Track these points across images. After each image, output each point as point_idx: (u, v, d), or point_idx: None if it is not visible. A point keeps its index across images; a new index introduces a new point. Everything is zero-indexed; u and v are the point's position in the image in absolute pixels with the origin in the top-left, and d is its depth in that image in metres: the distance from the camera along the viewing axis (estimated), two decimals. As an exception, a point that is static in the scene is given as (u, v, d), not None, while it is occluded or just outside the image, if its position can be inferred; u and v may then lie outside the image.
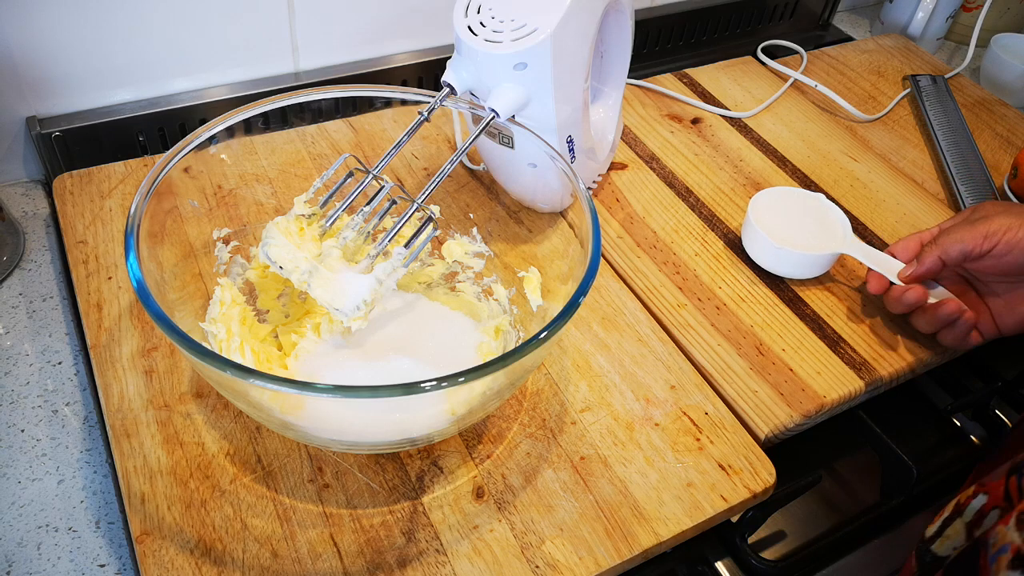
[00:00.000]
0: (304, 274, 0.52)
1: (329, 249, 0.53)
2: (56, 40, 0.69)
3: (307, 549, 0.49)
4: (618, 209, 0.75)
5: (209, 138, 0.54)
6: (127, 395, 0.55)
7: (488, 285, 0.62)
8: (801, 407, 0.60)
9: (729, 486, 0.54)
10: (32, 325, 0.63)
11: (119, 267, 0.63)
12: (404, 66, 0.86)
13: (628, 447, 0.56)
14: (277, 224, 0.53)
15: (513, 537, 0.50)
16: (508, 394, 0.53)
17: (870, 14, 1.22)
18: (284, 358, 0.56)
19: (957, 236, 0.60)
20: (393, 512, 0.51)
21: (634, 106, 0.89)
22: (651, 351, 0.62)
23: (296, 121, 0.62)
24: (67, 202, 0.69)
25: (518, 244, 0.64)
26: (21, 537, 0.51)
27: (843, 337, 0.65)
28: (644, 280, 0.69)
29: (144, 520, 0.49)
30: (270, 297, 0.59)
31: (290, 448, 0.54)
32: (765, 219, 0.68)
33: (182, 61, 0.76)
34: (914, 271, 0.62)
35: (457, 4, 0.58)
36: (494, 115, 0.57)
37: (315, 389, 0.41)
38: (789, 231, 0.68)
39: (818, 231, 0.68)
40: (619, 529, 0.51)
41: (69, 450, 0.55)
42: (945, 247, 0.61)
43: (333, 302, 0.51)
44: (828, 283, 0.70)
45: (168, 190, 0.52)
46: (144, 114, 0.76)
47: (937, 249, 0.61)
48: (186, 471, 0.52)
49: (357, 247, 0.55)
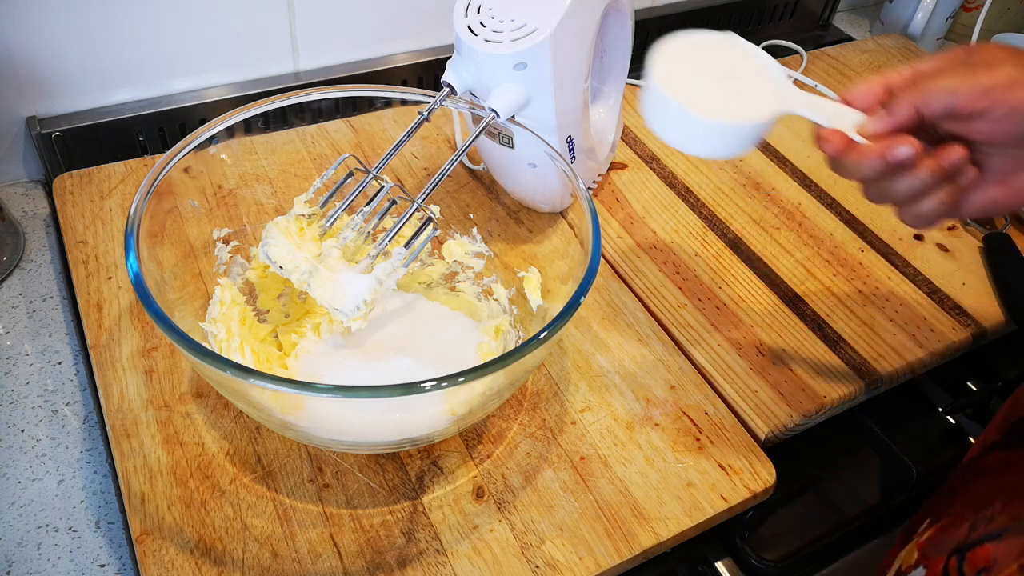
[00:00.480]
0: (304, 274, 0.52)
1: (329, 249, 0.53)
2: (56, 40, 0.69)
3: (307, 549, 0.49)
4: (618, 209, 0.75)
5: (209, 138, 0.54)
6: (127, 395, 0.55)
7: (488, 285, 0.62)
8: (801, 407, 0.60)
9: (729, 486, 0.54)
10: (32, 325, 0.63)
11: (119, 267, 0.63)
12: (404, 66, 0.86)
13: (628, 447, 0.56)
14: (277, 224, 0.53)
15: (513, 537, 0.50)
16: (508, 394, 0.53)
17: (870, 14, 1.22)
18: (284, 358, 0.56)
19: (946, 84, 0.44)
20: (393, 512, 0.51)
21: (634, 106, 0.89)
22: (651, 351, 0.62)
23: (296, 121, 0.62)
24: (67, 202, 0.69)
25: (518, 244, 0.64)
26: (21, 537, 0.50)
27: (843, 337, 0.65)
28: (644, 280, 0.69)
29: (144, 520, 0.49)
30: (270, 297, 0.59)
31: (290, 448, 0.54)
32: (673, 77, 0.49)
33: (182, 61, 0.76)
34: (881, 122, 0.46)
35: (457, 4, 0.58)
36: (494, 115, 0.57)
37: (315, 389, 0.41)
38: (705, 92, 0.48)
39: (744, 89, 0.50)
40: (619, 529, 0.51)
41: (69, 450, 0.55)
42: (926, 95, 0.45)
43: (333, 302, 0.51)
44: (828, 283, 0.70)
45: (168, 190, 0.52)
46: (144, 114, 0.76)
47: (914, 96, 0.45)
48: (186, 471, 0.52)
49: (357, 247, 0.55)
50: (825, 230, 0.75)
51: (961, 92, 0.43)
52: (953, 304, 0.69)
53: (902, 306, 0.68)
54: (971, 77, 0.44)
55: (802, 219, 0.76)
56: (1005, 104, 0.43)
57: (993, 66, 0.44)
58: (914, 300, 0.69)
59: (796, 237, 0.74)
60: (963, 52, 0.46)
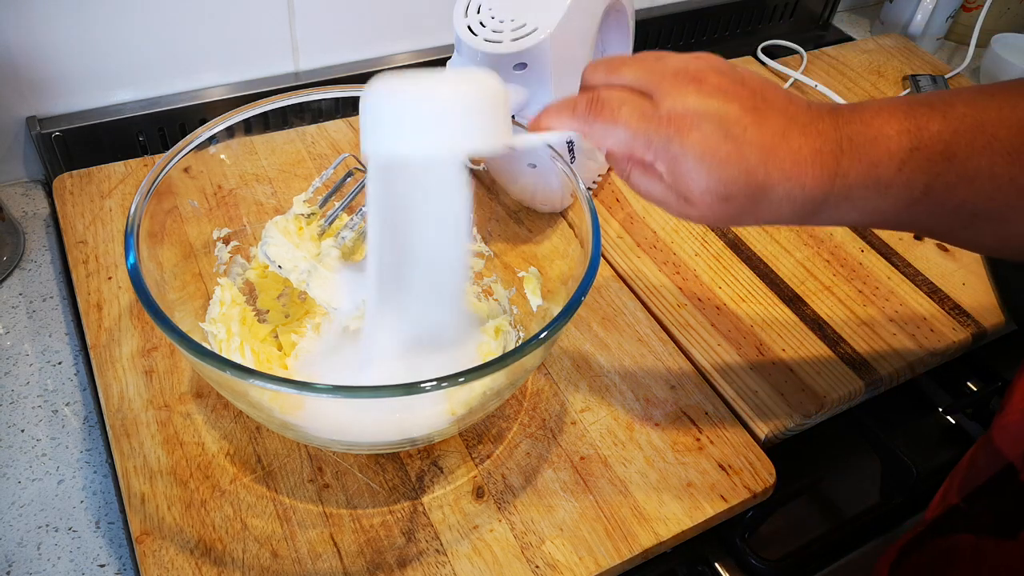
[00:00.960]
0: (303, 273, 0.52)
1: (328, 248, 0.53)
2: (56, 40, 0.69)
3: (307, 549, 0.49)
4: (618, 209, 0.75)
5: (209, 138, 0.54)
6: (127, 395, 0.55)
7: (488, 285, 0.62)
8: (801, 407, 0.60)
9: (729, 486, 0.54)
10: (32, 325, 0.63)
11: (119, 267, 0.63)
12: (404, 66, 0.86)
13: (628, 447, 0.56)
14: (276, 223, 0.53)
15: (513, 537, 0.50)
16: (508, 394, 0.53)
17: (870, 14, 1.22)
18: (284, 358, 0.56)
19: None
20: (393, 512, 0.51)
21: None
22: (651, 351, 0.62)
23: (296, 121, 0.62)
24: (67, 202, 0.69)
25: (518, 244, 0.64)
26: (21, 537, 0.50)
27: (843, 337, 0.65)
28: (644, 280, 0.69)
29: (144, 520, 0.49)
30: (270, 297, 0.59)
31: (290, 448, 0.54)
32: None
33: (182, 61, 0.76)
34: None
35: (457, 4, 0.58)
36: (494, 115, 0.57)
37: (315, 389, 0.41)
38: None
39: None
40: (619, 529, 0.51)
41: (69, 450, 0.55)
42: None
43: (331, 301, 0.51)
44: (828, 283, 0.70)
45: (168, 190, 0.52)
46: (144, 114, 0.76)
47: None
48: (186, 471, 0.52)
49: (356, 246, 0.55)
50: (825, 230, 0.75)
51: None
52: (953, 304, 0.69)
53: (902, 306, 0.68)
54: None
55: (802, 219, 0.76)
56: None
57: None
58: (914, 300, 0.69)
59: (796, 237, 0.74)
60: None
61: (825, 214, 0.41)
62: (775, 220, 0.42)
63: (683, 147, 0.39)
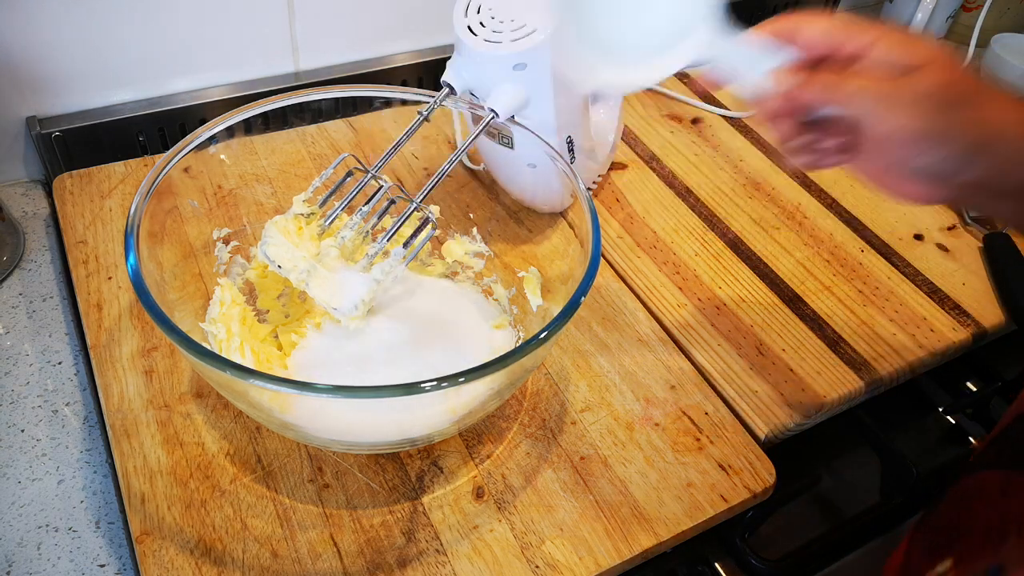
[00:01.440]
0: (302, 273, 0.52)
1: (327, 248, 0.53)
2: (56, 40, 0.69)
3: (307, 549, 0.49)
4: (618, 209, 0.75)
5: (209, 138, 0.54)
6: (127, 395, 0.55)
7: (488, 285, 0.62)
8: (801, 407, 0.60)
9: (729, 486, 0.54)
10: (32, 325, 0.63)
11: (119, 267, 0.63)
12: (404, 66, 0.86)
13: (628, 447, 0.56)
14: (276, 223, 0.53)
15: (513, 537, 0.50)
16: (508, 394, 0.53)
17: (870, 14, 1.22)
18: (284, 358, 0.56)
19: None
20: (393, 512, 0.51)
21: (634, 106, 0.89)
22: (651, 351, 0.62)
23: (296, 121, 0.62)
24: (67, 202, 0.69)
25: (518, 244, 0.64)
26: (21, 537, 0.51)
27: (843, 337, 0.65)
28: (644, 280, 0.69)
29: (144, 520, 0.49)
30: (270, 297, 0.59)
31: (290, 448, 0.54)
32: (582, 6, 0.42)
33: (182, 61, 0.76)
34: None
35: (457, 4, 0.58)
36: (494, 115, 0.57)
37: (315, 389, 0.41)
38: (618, 22, 0.42)
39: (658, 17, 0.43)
40: (619, 529, 0.51)
41: (69, 450, 0.55)
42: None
43: (331, 301, 0.51)
44: (828, 283, 0.70)
45: (168, 190, 0.52)
46: (144, 114, 0.76)
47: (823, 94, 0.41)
48: (186, 471, 0.52)
49: (355, 247, 0.55)
50: (825, 230, 0.75)
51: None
52: (953, 304, 0.69)
53: (902, 306, 0.68)
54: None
55: (802, 219, 0.76)
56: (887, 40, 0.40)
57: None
58: (914, 300, 0.69)
59: (796, 237, 0.74)
60: (901, 48, 0.41)
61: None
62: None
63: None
